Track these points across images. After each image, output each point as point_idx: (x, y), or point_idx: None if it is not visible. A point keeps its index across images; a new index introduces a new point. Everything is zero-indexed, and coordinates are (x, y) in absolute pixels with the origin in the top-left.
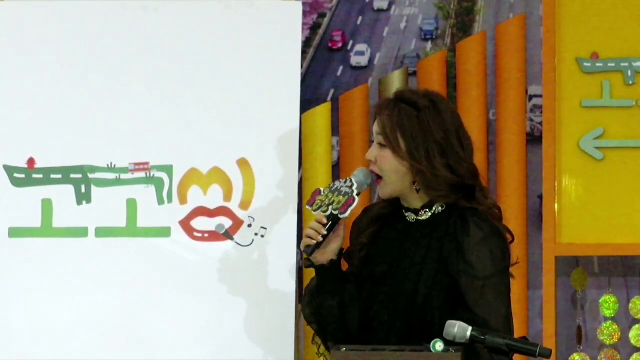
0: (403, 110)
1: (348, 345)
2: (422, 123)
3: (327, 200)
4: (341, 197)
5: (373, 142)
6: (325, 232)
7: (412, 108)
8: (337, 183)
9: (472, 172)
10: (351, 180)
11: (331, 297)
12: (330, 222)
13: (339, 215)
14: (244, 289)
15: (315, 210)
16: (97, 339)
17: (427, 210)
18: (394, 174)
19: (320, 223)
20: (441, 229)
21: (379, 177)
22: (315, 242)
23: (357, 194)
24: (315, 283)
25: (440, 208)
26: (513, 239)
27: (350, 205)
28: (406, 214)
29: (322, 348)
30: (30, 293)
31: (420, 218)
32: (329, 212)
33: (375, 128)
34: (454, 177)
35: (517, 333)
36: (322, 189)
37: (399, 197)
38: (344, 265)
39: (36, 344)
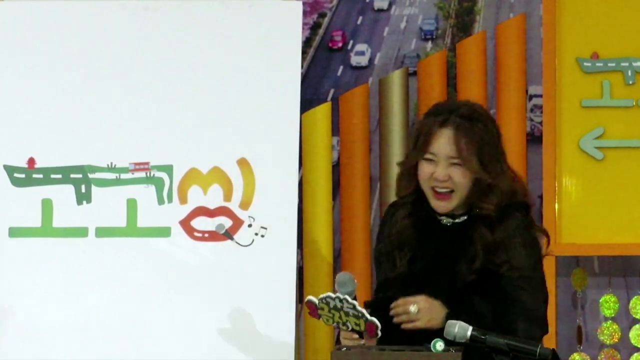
0: (474, 127)
1: (348, 345)
2: (492, 137)
3: (335, 317)
4: (353, 318)
5: (431, 160)
6: (363, 341)
7: (480, 124)
8: (330, 300)
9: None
10: (347, 300)
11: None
12: (359, 333)
13: (372, 338)
14: (244, 289)
15: (329, 324)
16: (97, 339)
17: (465, 214)
18: (466, 189)
19: (351, 339)
20: (478, 230)
21: (442, 193)
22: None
23: (368, 314)
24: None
25: (477, 210)
26: (549, 242)
27: (376, 329)
28: (440, 218)
29: None
30: (30, 293)
31: (456, 221)
32: (350, 329)
33: (444, 149)
34: (510, 188)
35: None
36: (314, 301)
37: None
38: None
39: (36, 344)
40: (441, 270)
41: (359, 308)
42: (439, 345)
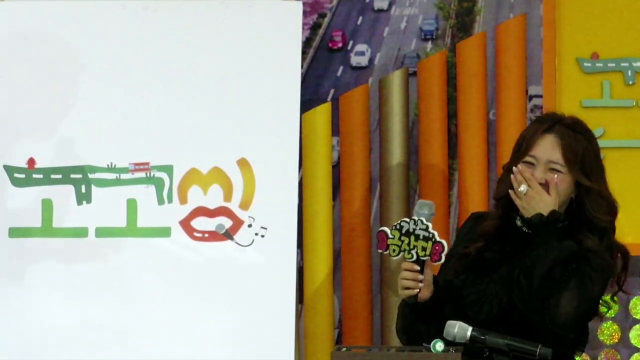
0: (578, 139)
1: (348, 345)
2: (596, 153)
3: (403, 244)
4: (422, 242)
5: (530, 162)
6: (422, 277)
7: (583, 137)
8: (404, 224)
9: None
10: (422, 222)
11: (433, 320)
12: (421, 266)
13: (433, 263)
14: (244, 289)
15: (394, 257)
16: (96, 339)
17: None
18: (564, 197)
19: (412, 270)
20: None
21: None
22: (418, 290)
23: (438, 236)
24: (411, 311)
25: (560, 224)
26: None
27: (442, 251)
28: (522, 226)
29: None
30: (30, 293)
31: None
32: (414, 259)
33: (546, 154)
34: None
35: None
36: (387, 230)
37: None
38: None
39: (36, 344)
40: (509, 263)
41: (432, 230)
42: (439, 345)
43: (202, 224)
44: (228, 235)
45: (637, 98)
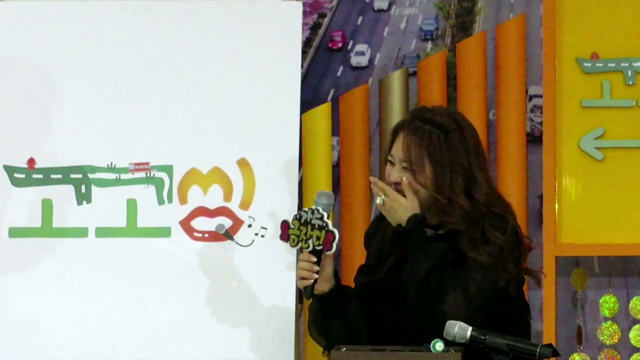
0: (431, 133)
1: (348, 345)
2: (450, 147)
3: (301, 234)
4: (317, 231)
5: (390, 162)
6: (317, 268)
7: (439, 130)
8: (303, 213)
9: (490, 201)
10: (318, 211)
11: (337, 319)
12: (318, 257)
13: (326, 252)
14: (244, 289)
15: (293, 246)
16: (96, 339)
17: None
18: (425, 194)
19: (308, 261)
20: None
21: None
22: (313, 280)
23: (332, 225)
24: (318, 306)
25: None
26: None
27: (332, 240)
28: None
29: None
30: (30, 293)
31: (439, 232)
32: (311, 249)
33: (398, 152)
34: (470, 204)
35: None
36: (289, 221)
37: None
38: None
39: (36, 344)
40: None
41: (327, 219)
42: (439, 345)
43: (202, 224)
44: (228, 235)
45: (637, 98)
